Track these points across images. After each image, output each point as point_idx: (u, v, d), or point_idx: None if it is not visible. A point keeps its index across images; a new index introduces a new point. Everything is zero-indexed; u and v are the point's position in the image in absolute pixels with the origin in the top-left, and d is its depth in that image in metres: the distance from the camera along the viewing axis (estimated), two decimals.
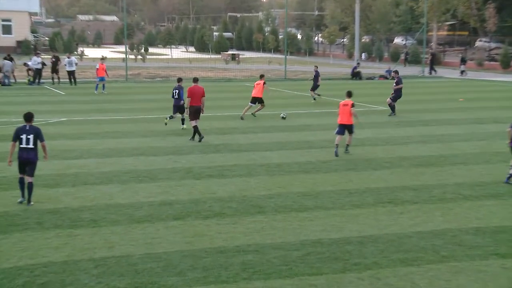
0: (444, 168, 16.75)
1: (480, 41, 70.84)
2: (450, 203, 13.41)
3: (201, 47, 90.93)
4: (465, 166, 17.05)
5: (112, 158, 17.78)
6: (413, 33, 74.96)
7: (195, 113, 20.53)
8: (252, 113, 26.26)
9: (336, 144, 18.48)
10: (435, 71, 52.35)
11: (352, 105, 18.44)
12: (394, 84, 27.41)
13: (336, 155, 18.27)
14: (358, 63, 51.13)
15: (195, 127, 20.56)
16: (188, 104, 20.58)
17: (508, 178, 15.04)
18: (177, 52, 78.60)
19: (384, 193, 14.18)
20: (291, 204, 13.31)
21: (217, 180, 15.37)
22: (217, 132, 22.57)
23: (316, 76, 33.18)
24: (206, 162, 17.40)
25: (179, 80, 23.05)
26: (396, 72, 28.37)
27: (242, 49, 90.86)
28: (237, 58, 67.01)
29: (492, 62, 57.52)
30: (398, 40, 78.81)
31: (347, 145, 18.79)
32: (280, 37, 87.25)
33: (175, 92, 22.73)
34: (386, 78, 47.89)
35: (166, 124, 23.20)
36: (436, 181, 15.34)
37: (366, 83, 45.01)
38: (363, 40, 74.90)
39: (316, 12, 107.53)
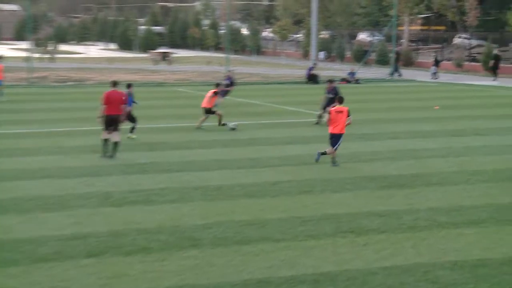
0: (416, 190, 17.08)
1: (459, 37, 72.78)
2: (423, 232, 13.67)
3: (125, 44, 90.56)
4: (441, 187, 17.44)
5: (11, 181, 17.47)
6: (380, 27, 76.44)
7: (113, 123, 20.45)
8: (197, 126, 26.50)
9: (325, 152, 19.91)
10: (399, 73, 53.33)
11: (348, 113, 19.52)
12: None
13: (317, 160, 19.94)
14: (315, 64, 51.74)
15: (115, 142, 20.48)
16: (103, 112, 20.50)
17: None
18: (95, 50, 78.01)
19: (345, 220, 14.36)
20: (233, 235, 13.33)
21: (143, 207, 15.27)
22: (143, 148, 22.45)
23: (231, 83, 33.57)
24: (129, 185, 17.27)
25: (129, 86, 24.12)
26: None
27: (175, 46, 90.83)
28: (168, 58, 66.92)
29: (472, 63, 59.09)
30: (363, 36, 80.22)
31: (333, 157, 19.85)
32: (222, 32, 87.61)
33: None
34: (348, 81, 48.63)
35: (130, 138, 23.64)
36: (406, 205, 15.62)
37: (323, 88, 45.52)
38: (321, 36, 75.92)
39: (266, 2, 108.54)
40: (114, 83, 21.12)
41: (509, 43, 62.82)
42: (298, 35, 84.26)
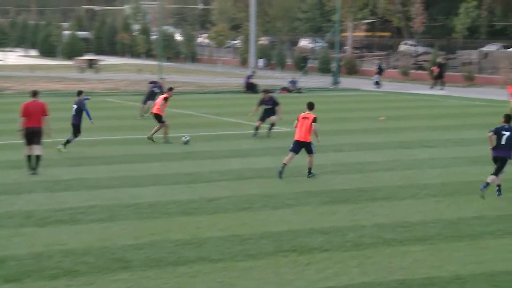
0: (362, 205, 17.36)
1: (405, 44, 74.12)
2: (369, 249, 13.91)
3: (47, 51, 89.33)
4: (387, 202, 17.76)
5: None
6: (323, 34, 77.32)
7: (34, 137, 20.23)
8: (148, 137, 26.37)
9: (284, 164, 20.08)
10: (335, 82, 53.94)
11: (314, 120, 20.06)
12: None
13: (280, 176, 19.92)
14: (253, 72, 52.02)
15: (37, 156, 20.26)
16: (22, 125, 20.29)
17: (484, 186, 17.80)
18: (14, 57, 76.84)
19: (286, 238, 14.49)
20: (167, 256, 13.33)
21: (68, 226, 15.16)
22: (69, 162, 22.25)
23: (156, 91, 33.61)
24: (53, 203, 17.11)
25: (79, 93, 24.60)
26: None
27: (103, 53, 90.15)
28: (95, 65, 66.41)
29: (419, 71, 60.28)
30: (304, 43, 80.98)
31: (309, 168, 20.30)
32: (154, 37, 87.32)
33: (74, 108, 24.35)
34: (289, 91, 49.03)
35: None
36: (351, 222, 15.86)
37: (259, 98, 45.79)
38: (260, 42, 76.35)
39: (201, 6, 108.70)
40: (34, 93, 20.93)
41: (457, 50, 64.28)
42: (235, 41, 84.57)
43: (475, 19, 66.45)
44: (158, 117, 26.48)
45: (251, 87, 48.82)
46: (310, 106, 20.65)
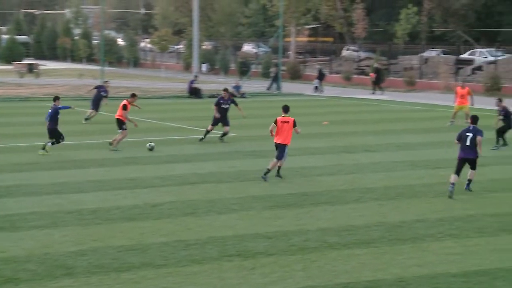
0: (306, 210, 17.46)
1: (348, 49, 74.91)
2: (313, 253, 14.00)
3: None
4: (331, 206, 17.89)
5: None
6: (266, 38, 77.63)
7: None
8: (109, 142, 25.91)
9: (268, 169, 20.65)
10: (278, 86, 54.15)
11: (294, 123, 20.72)
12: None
13: (265, 180, 20.47)
14: (196, 76, 51.91)
15: None
16: None
17: (468, 185, 19.18)
18: None
19: (231, 243, 14.50)
20: (110, 262, 13.22)
21: (9, 234, 14.94)
22: (9, 168, 21.92)
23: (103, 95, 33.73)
24: None
25: (56, 99, 25.01)
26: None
27: (43, 57, 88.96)
28: (36, 70, 65.54)
29: (361, 76, 60.92)
30: (248, 48, 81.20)
31: (279, 166, 20.84)
32: (95, 42, 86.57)
33: (49, 112, 24.77)
34: (233, 96, 48.99)
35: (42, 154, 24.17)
36: (295, 226, 15.94)
37: (207, 103, 45.78)
38: (204, 47, 76.30)
39: (143, 11, 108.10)
40: None
41: (398, 55, 65.18)
42: (179, 46, 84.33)
43: (415, 25, 67.49)
44: (121, 123, 25.80)
45: (194, 92, 48.74)
46: (286, 109, 21.02)
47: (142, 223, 15.98)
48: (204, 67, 72.84)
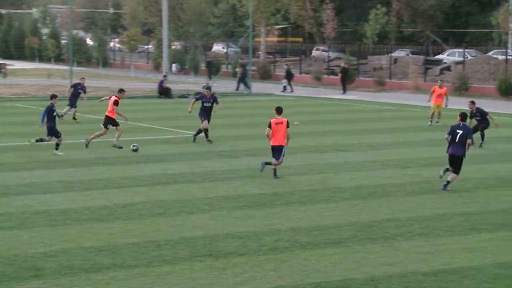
0: (277, 210, 17.46)
1: (317, 49, 75.12)
2: (284, 253, 14.00)
3: None
4: (302, 206, 17.91)
5: None
6: (236, 38, 77.61)
7: None
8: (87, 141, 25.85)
9: (269, 162, 21.11)
10: (247, 86, 54.14)
11: (287, 124, 20.97)
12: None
13: (261, 170, 21.06)
14: (165, 76, 51.74)
15: None
16: None
17: (445, 185, 19.49)
18: None
19: (202, 243, 14.46)
20: (80, 263, 13.13)
21: None
22: None
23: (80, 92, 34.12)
24: None
25: (53, 97, 25.05)
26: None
27: (10, 57, 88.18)
28: (4, 70, 64.94)
29: (331, 76, 61.13)
30: (218, 48, 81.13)
31: (274, 169, 21.11)
32: (64, 42, 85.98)
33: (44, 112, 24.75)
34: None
35: (29, 145, 24.82)
36: (267, 226, 15.93)
37: (177, 103, 45.69)
38: (173, 47, 76.07)
39: (112, 10, 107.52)
40: None
41: (368, 55, 65.51)
42: (148, 46, 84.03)
43: (384, 25, 67.90)
44: (111, 120, 25.84)
45: (164, 92, 48.59)
46: (279, 111, 21.22)
47: (112, 224, 15.88)
48: (174, 67, 72.65)
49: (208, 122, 27.75)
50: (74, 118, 34.07)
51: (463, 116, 19.92)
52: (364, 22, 69.44)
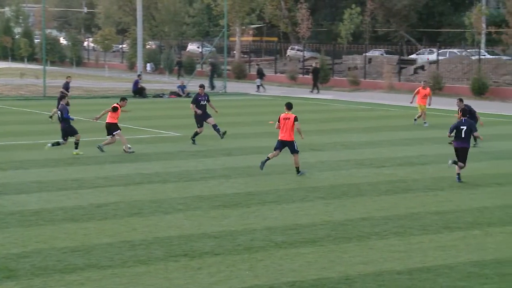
0: (252, 209, 17.47)
1: (292, 49, 75.26)
2: (260, 252, 14.00)
3: None
4: (277, 205, 17.93)
5: None
6: (211, 38, 77.51)
7: None
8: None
9: (268, 157, 21.56)
10: (213, 86, 54.15)
11: (295, 119, 21.32)
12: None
13: (261, 167, 21.42)
14: (139, 76, 51.58)
15: None
16: None
17: (458, 178, 20.63)
18: None
19: (177, 243, 14.43)
20: (54, 264, 13.04)
21: None
22: None
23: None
24: None
25: (62, 98, 25.65)
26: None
27: None
28: None
29: (306, 76, 61.27)
30: (192, 47, 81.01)
31: (297, 168, 21.45)
32: (37, 41, 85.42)
33: (59, 113, 25.33)
34: (179, 95, 48.95)
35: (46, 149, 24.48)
36: (242, 225, 15.94)
37: (152, 102, 45.59)
38: (148, 46, 75.83)
39: (85, 9, 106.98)
40: None
41: (342, 55, 65.73)
42: (122, 46, 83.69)
43: (359, 25, 68.14)
44: (110, 126, 25.25)
45: (139, 92, 48.45)
46: (289, 106, 21.67)
47: (87, 224, 15.80)
48: (149, 66, 72.43)
49: (211, 118, 27.76)
50: (50, 117, 34.02)
51: (464, 111, 21.31)
52: (339, 22, 69.68)
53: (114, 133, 25.11)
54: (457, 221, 16.50)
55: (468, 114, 27.56)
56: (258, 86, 53.97)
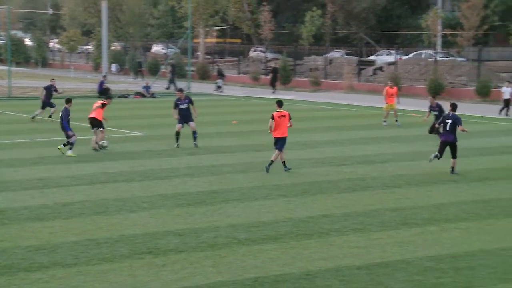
0: (216, 207, 17.46)
1: (255, 50, 75.31)
2: (223, 249, 14.01)
3: None
4: (240, 203, 17.94)
5: None
6: (175, 39, 77.24)
7: None
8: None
9: (272, 160, 21.70)
10: (174, 85, 53.95)
11: (290, 116, 21.99)
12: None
13: (267, 171, 21.57)
14: (104, 76, 51.25)
15: None
16: None
17: (452, 171, 21.56)
18: None
19: (141, 241, 14.37)
20: (19, 262, 12.92)
21: None
22: None
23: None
24: None
25: (68, 101, 25.44)
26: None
27: None
28: None
29: (269, 76, 61.29)
30: (157, 48, 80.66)
31: (283, 162, 21.92)
32: (1, 42, 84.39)
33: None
34: (143, 96, 48.73)
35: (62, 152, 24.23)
36: (206, 223, 15.92)
37: (117, 103, 45.30)
38: (113, 47, 75.35)
39: (51, 11, 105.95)
40: None
41: (304, 56, 65.95)
42: (88, 47, 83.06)
43: (319, 27, 68.37)
44: (95, 122, 25.37)
45: (104, 92, 48.09)
46: (280, 104, 22.12)
47: (52, 223, 15.66)
48: (114, 67, 72.01)
49: (193, 122, 26.80)
50: (50, 117, 33.90)
51: (454, 106, 21.96)
52: (300, 24, 69.80)
53: (101, 129, 25.20)
54: (414, 217, 16.66)
55: (438, 111, 28.22)
56: (219, 87, 54.01)
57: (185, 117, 26.69)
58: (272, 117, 21.82)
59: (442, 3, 68.70)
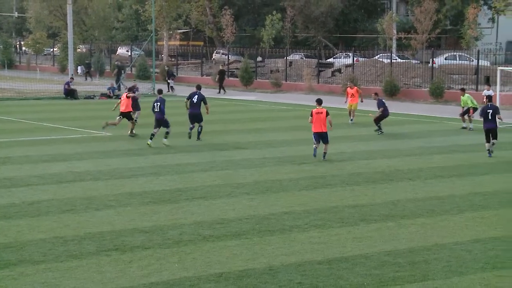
0: (181, 205, 17.39)
1: (218, 53, 75.24)
2: (188, 246, 13.95)
3: None
4: (205, 201, 17.89)
5: None
6: (140, 42, 76.87)
7: None
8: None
9: (316, 146, 23.54)
10: (122, 86, 53.70)
11: (327, 113, 23.36)
12: None
13: (314, 155, 23.50)
14: (71, 78, 50.78)
15: None
16: None
17: (490, 153, 24.31)
18: None
19: (108, 238, 14.26)
20: None
21: None
22: None
23: None
24: None
25: (160, 91, 27.49)
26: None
27: None
28: None
29: (231, 78, 61.32)
30: (122, 51, 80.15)
31: (325, 153, 23.45)
32: None
33: (156, 105, 26.68)
34: (109, 96, 48.39)
35: (149, 145, 25.78)
36: (171, 220, 15.85)
37: (83, 104, 44.93)
38: (79, 50, 74.69)
39: (16, 14, 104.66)
40: None
41: (265, 58, 66.04)
42: (54, 49, 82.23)
43: (279, 30, 68.55)
44: (126, 115, 28.23)
45: (70, 93, 47.76)
46: (320, 102, 23.77)
47: (19, 221, 15.47)
48: (80, 69, 71.40)
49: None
50: None
51: (490, 98, 25.70)
52: (261, 27, 69.93)
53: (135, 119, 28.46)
54: (373, 213, 16.75)
55: (378, 106, 30.06)
56: (171, 87, 54.17)
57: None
58: (311, 114, 23.48)
59: (396, 8, 69.34)
